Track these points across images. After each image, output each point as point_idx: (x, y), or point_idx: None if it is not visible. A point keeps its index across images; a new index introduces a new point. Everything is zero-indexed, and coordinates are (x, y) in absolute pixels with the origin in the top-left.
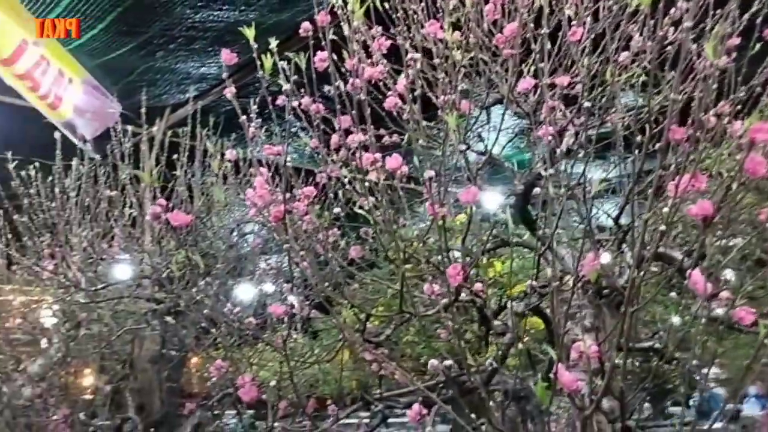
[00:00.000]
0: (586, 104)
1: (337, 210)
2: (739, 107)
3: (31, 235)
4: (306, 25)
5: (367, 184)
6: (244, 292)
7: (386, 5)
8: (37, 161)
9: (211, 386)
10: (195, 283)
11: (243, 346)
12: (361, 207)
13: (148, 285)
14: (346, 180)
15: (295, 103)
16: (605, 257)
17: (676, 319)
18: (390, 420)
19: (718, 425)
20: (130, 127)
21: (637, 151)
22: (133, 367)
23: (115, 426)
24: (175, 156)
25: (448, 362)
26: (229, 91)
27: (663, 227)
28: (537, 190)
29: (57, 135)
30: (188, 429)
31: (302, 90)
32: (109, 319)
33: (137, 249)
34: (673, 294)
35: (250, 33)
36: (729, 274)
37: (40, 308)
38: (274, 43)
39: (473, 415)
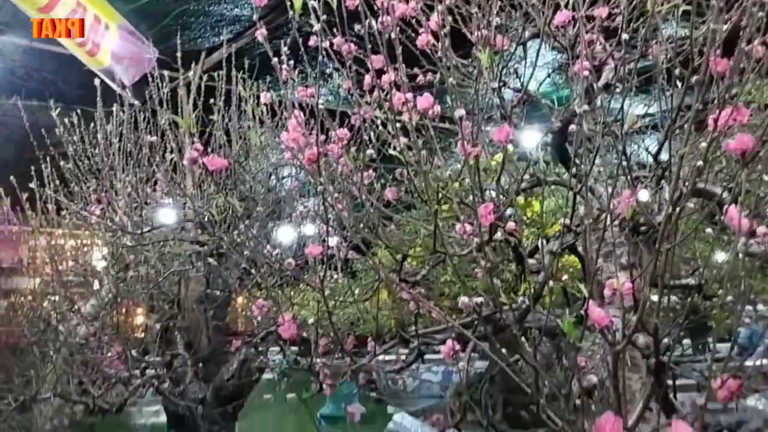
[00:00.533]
0: (626, 37)
1: (371, 152)
2: None
3: (77, 181)
4: None
5: (399, 125)
6: (284, 234)
7: None
8: (79, 108)
9: (255, 325)
10: (236, 226)
11: (284, 287)
12: (395, 148)
13: (191, 228)
14: (379, 121)
15: (326, 44)
16: (643, 194)
17: (720, 256)
18: (427, 356)
19: (757, 362)
20: (166, 72)
21: (678, 85)
22: (180, 307)
23: (165, 362)
24: (211, 100)
25: (479, 299)
26: (261, 34)
27: (700, 162)
28: (574, 127)
29: (96, 82)
30: (234, 365)
31: (334, 30)
32: (155, 261)
33: (179, 193)
34: (709, 230)
35: None
36: None
37: (91, 251)
38: None
39: (506, 351)
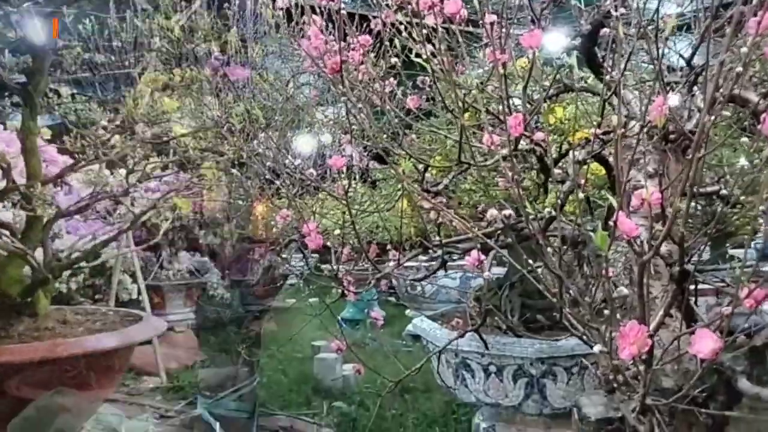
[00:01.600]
0: None
1: (395, 60)
2: None
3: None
4: None
5: (424, 30)
6: (303, 143)
7: None
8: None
9: (277, 233)
10: (255, 135)
11: (305, 196)
12: (417, 55)
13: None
14: (401, 26)
15: None
16: (674, 99)
17: (743, 161)
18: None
19: None
20: None
21: None
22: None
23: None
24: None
25: (508, 212)
26: None
27: (740, 68)
28: (605, 30)
29: None
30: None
31: None
32: None
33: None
34: (745, 139)
35: None
36: None
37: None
38: None
39: (530, 261)
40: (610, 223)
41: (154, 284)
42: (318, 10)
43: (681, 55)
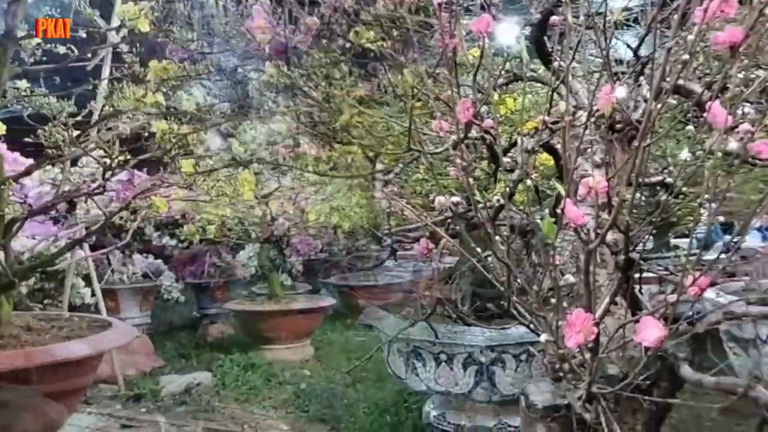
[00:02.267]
0: None
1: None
2: None
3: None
4: None
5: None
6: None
7: None
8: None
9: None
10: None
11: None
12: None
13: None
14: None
15: None
16: (621, 91)
17: (685, 153)
18: (399, 253)
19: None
20: None
21: None
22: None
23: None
24: None
25: (455, 199)
26: None
27: (686, 56)
28: (554, 18)
29: None
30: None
31: None
32: None
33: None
34: (690, 127)
35: None
36: (747, 108)
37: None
38: None
39: (479, 249)
40: (558, 211)
41: (108, 288)
42: None
43: (628, 45)
